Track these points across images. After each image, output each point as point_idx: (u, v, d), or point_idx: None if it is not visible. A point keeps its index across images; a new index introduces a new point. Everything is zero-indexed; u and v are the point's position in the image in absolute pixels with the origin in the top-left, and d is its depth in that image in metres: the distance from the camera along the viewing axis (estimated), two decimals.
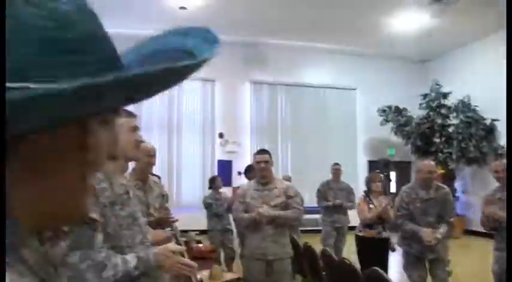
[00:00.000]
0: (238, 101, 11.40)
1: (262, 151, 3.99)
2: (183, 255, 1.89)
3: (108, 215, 1.85)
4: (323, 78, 12.12)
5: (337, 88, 12.26)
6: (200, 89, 11.13)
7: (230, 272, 5.54)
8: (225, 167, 10.68)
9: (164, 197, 3.72)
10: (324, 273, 4.22)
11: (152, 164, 3.30)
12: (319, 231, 7.01)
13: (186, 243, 5.16)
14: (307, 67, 11.94)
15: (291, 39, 11.08)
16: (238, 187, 8.10)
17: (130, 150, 2.00)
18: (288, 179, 6.41)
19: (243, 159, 10.48)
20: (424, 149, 11.11)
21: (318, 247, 4.81)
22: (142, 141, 2.09)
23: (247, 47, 11.11)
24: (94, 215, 1.77)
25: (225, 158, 10.96)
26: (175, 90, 10.84)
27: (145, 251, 1.88)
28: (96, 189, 1.83)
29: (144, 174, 3.23)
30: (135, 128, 2.01)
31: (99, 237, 1.79)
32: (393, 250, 5.05)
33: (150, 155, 3.21)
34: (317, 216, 7.28)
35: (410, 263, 4.39)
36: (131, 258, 1.80)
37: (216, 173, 9.48)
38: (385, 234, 4.99)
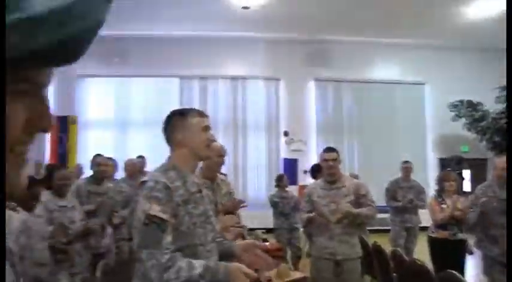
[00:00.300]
0: (302, 99, 11.33)
1: (330, 149, 3.93)
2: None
3: (182, 214, 1.88)
4: (390, 73, 11.75)
5: (405, 83, 11.85)
6: (264, 88, 11.17)
7: (297, 270, 5.51)
8: (290, 165, 10.65)
9: (231, 194, 3.77)
10: (394, 274, 4.09)
11: (222, 163, 3.34)
12: (387, 231, 6.81)
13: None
14: (373, 63, 11.64)
15: (355, 34, 10.84)
16: (304, 186, 8.06)
17: (203, 149, 2.03)
18: (355, 177, 6.27)
19: (309, 158, 10.41)
20: (502, 145, 10.47)
21: (386, 247, 4.67)
22: (214, 141, 2.12)
23: (311, 45, 11.01)
24: (164, 216, 1.80)
25: (291, 156, 10.93)
26: (239, 89, 10.96)
27: (215, 262, 1.88)
28: (170, 188, 1.87)
29: (212, 173, 3.29)
30: (207, 128, 2.05)
31: (168, 238, 1.80)
32: (470, 253, 4.79)
33: (220, 154, 3.26)
34: (385, 215, 7.07)
35: (489, 266, 4.16)
36: (198, 265, 1.79)
37: (281, 172, 9.48)
38: (461, 236, 4.73)
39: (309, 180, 8.38)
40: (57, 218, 3.43)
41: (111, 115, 10.36)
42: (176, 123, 2.04)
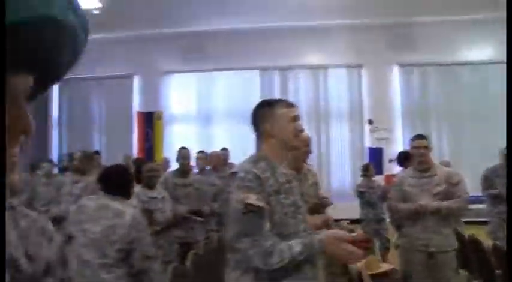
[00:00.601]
0: (386, 85, 10.91)
1: (420, 136, 3.76)
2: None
3: (274, 203, 1.88)
4: (483, 53, 10.93)
5: (500, 62, 11.00)
6: (346, 76, 10.91)
7: (386, 262, 5.34)
8: (375, 154, 10.34)
9: (317, 185, 3.71)
10: (497, 271, 3.79)
11: (308, 153, 3.30)
12: (483, 223, 6.39)
13: None
14: (462, 43, 10.89)
15: (441, 14, 10.20)
16: (392, 175, 7.79)
17: (291, 139, 2.02)
18: (447, 164, 5.93)
19: (394, 146, 10.03)
20: None
21: (484, 240, 4.36)
22: (302, 131, 2.11)
23: (393, 29, 10.54)
24: (261, 203, 1.81)
25: (375, 145, 10.61)
26: (320, 78, 10.80)
27: (309, 237, 1.88)
28: (261, 178, 1.87)
29: (299, 163, 3.24)
30: (295, 118, 2.05)
31: (267, 224, 1.83)
32: None
33: (307, 144, 3.21)
34: (480, 206, 6.62)
35: None
36: (296, 244, 1.81)
37: (366, 161, 9.23)
38: None
39: (395, 169, 8.08)
40: (148, 208, 3.56)
41: (194, 109, 10.66)
42: (264, 113, 2.05)
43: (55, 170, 6.89)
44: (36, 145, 9.66)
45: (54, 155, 10.19)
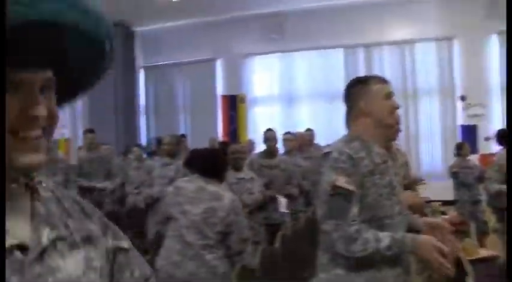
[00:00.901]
0: (482, 57, 10.10)
1: None
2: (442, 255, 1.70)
3: (368, 185, 1.80)
4: None
5: None
6: (436, 50, 10.28)
7: (484, 247, 5.01)
8: (468, 132, 9.71)
9: (407, 165, 3.55)
10: None
11: (399, 131, 3.14)
12: None
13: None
14: None
15: None
16: (489, 154, 7.31)
17: (386, 117, 1.93)
18: None
19: (490, 123, 9.35)
20: None
21: None
22: (397, 108, 1.99)
23: None
24: (350, 187, 1.74)
25: (468, 122, 9.96)
26: (407, 54, 10.30)
27: (401, 233, 1.78)
28: (355, 159, 1.80)
29: (389, 143, 3.10)
30: (390, 94, 1.95)
31: (354, 209, 1.75)
32: None
33: (398, 121, 3.06)
34: None
35: None
36: (384, 237, 1.71)
37: (458, 140, 8.71)
38: None
39: (490, 148, 7.55)
40: (237, 190, 3.61)
41: (277, 91, 10.63)
42: (357, 91, 1.96)
43: (144, 155, 7.21)
44: (127, 131, 10.19)
45: (143, 141, 10.67)
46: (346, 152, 1.81)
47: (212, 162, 3.09)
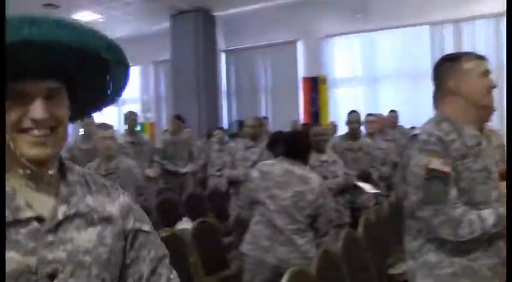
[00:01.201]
0: None
1: None
2: None
3: (460, 169, 1.69)
4: None
5: None
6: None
7: None
8: None
9: (504, 147, 3.31)
10: None
11: (492, 111, 2.94)
12: None
13: None
14: None
15: None
16: None
17: (481, 97, 1.79)
18: None
19: None
20: None
21: None
22: (494, 87, 1.84)
23: None
24: (446, 169, 1.65)
25: None
26: (502, 27, 9.54)
27: (503, 209, 1.66)
28: (445, 141, 1.70)
29: (482, 124, 2.91)
30: (487, 72, 1.80)
31: (453, 191, 1.65)
32: None
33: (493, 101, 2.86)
34: None
35: None
36: (488, 215, 1.62)
37: None
38: None
39: None
40: (320, 172, 3.58)
41: (359, 71, 10.35)
42: (448, 69, 1.83)
43: (226, 138, 7.38)
44: (209, 114, 10.45)
45: (225, 124, 10.90)
46: (436, 133, 1.71)
47: (295, 145, 3.08)
